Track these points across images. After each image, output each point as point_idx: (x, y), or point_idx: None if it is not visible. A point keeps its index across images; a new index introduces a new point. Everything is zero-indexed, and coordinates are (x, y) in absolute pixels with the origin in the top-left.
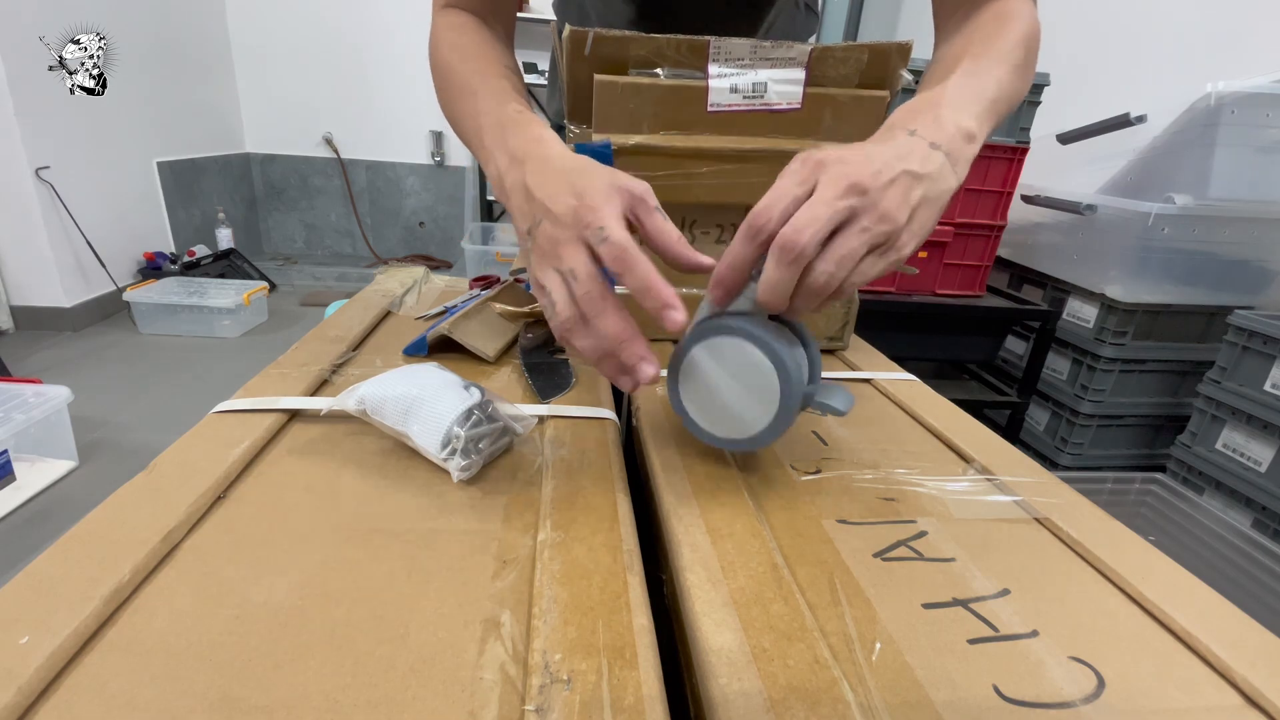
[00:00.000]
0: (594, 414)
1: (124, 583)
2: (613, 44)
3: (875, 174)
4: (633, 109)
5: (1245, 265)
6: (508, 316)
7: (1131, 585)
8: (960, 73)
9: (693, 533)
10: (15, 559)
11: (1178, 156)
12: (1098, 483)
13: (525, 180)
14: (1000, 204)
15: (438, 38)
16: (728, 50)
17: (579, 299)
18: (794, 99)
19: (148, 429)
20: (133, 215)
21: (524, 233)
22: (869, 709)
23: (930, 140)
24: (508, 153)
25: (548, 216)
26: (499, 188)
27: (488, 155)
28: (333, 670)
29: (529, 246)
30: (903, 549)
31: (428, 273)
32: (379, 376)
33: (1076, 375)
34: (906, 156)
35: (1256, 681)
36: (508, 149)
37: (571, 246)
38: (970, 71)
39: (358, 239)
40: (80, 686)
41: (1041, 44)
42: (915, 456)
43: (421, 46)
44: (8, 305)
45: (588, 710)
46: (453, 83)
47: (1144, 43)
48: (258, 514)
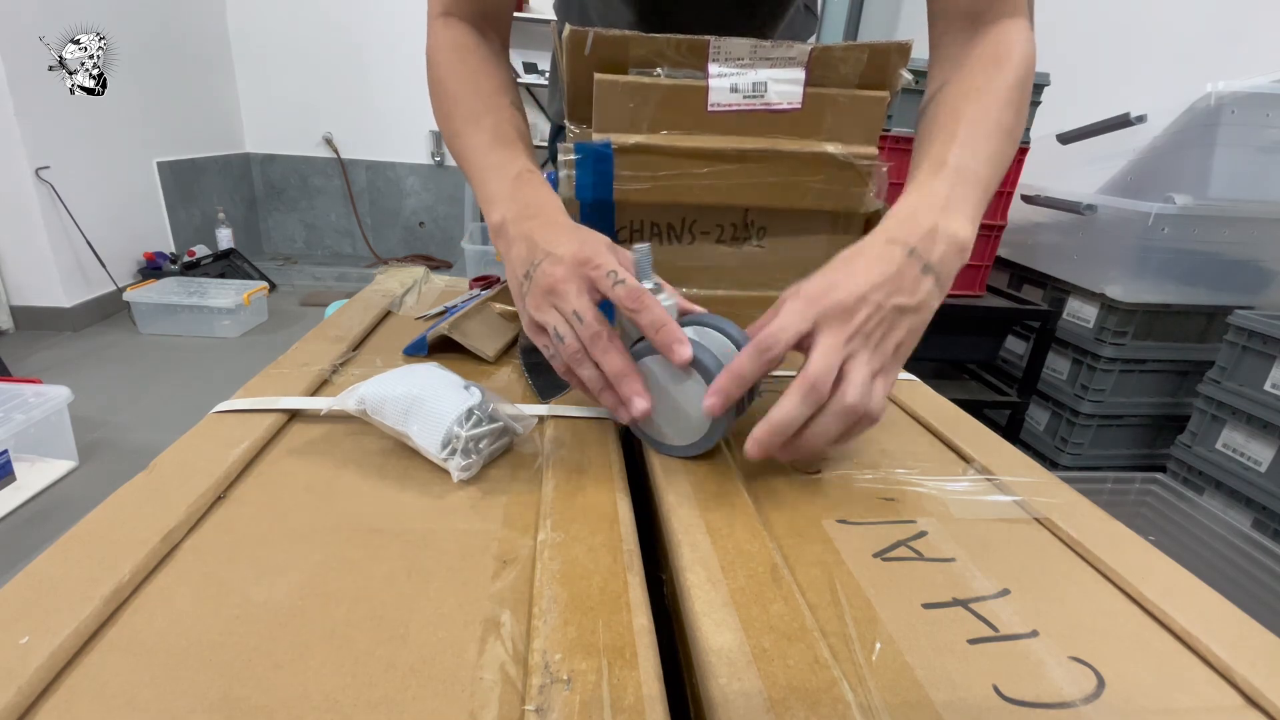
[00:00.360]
0: (594, 414)
1: (124, 583)
2: (613, 44)
3: (867, 319)
4: (633, 109)
5: (1245, 265)
6: (508, 316)
7: (1131, 585)
8: (959, 147)
9: (693, 533)
10: (15, 559)
11: (1178, 156)
12: (1098, 483)
13: (532, 231)
14: (1000, 204)
15: (434, 55)
16: (728, 50)
17: (585, 339)
18: (794, 99)
19: (148, 429)
20: (133, 215)
21: (521, 276)
22: (869, 709)
23: (925, 261)
24: (519, 204)
25: (549, 258)
26: (498, 231)
27: (490, 198)
28: (333, 670)
29: (525, 290)
30: (903, 549)
31: (428, 273)
32: (379, 376)
33: (1076, 375)
34: (898, 289)
35: (1256, 681)
36: (520, 201)
37: (573, 285)
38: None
39: (358, 239)
40: (80, 686)
41: (1041, 44)
42: (915, 456)
43: (422, 46)
44: (8, 305)
45: (588, 710)
46: (454, 112)
47: (1144, 43)
48: (257, 514)
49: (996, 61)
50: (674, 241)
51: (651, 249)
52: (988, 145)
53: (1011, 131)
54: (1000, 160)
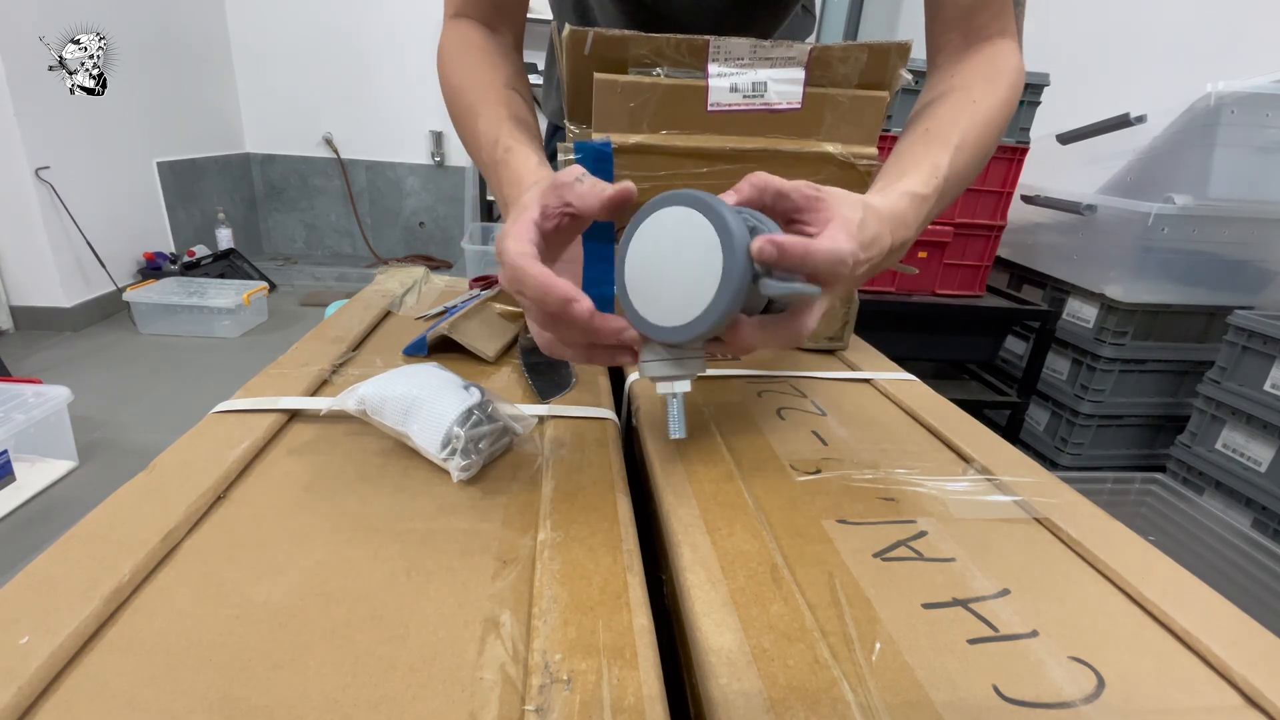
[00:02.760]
0: (594, 414)
1: (124, 583)
2: (612, 44)
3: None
4: (633, 108)
5: (1245, 265)
6: (508, 316)
7: (1131, 585)
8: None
9: (693, 533)
10: (15, 559)
11: (1178, 156)
12: (1098, 483)
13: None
14: (1000, 204)
15: (440, 53)
16: (727, 50)
17: (537, 319)
18: (794, 99)
19: (148, 429)
20: (132, 215)
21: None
22: (869, 709)
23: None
24: (501, 199)
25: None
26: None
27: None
28: (333, 670)
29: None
30: (903, 549)
31: (428, 273)
32: (379, 376)
33: (1076, 375)
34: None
35: (1256, 681)
36: (500, 194)
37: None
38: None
39: (358, 239)
40: (80, 686)
41: (1042, 44)
42: (915, 456)
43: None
44: (8, 305)
45: (588, 710)
46: (459, 104)
47: (1144, 43)
48: (257, 514)
49: (988, 82)
50: None
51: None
52: (970, 166)
53: (990, 149)
54: (972, 175)
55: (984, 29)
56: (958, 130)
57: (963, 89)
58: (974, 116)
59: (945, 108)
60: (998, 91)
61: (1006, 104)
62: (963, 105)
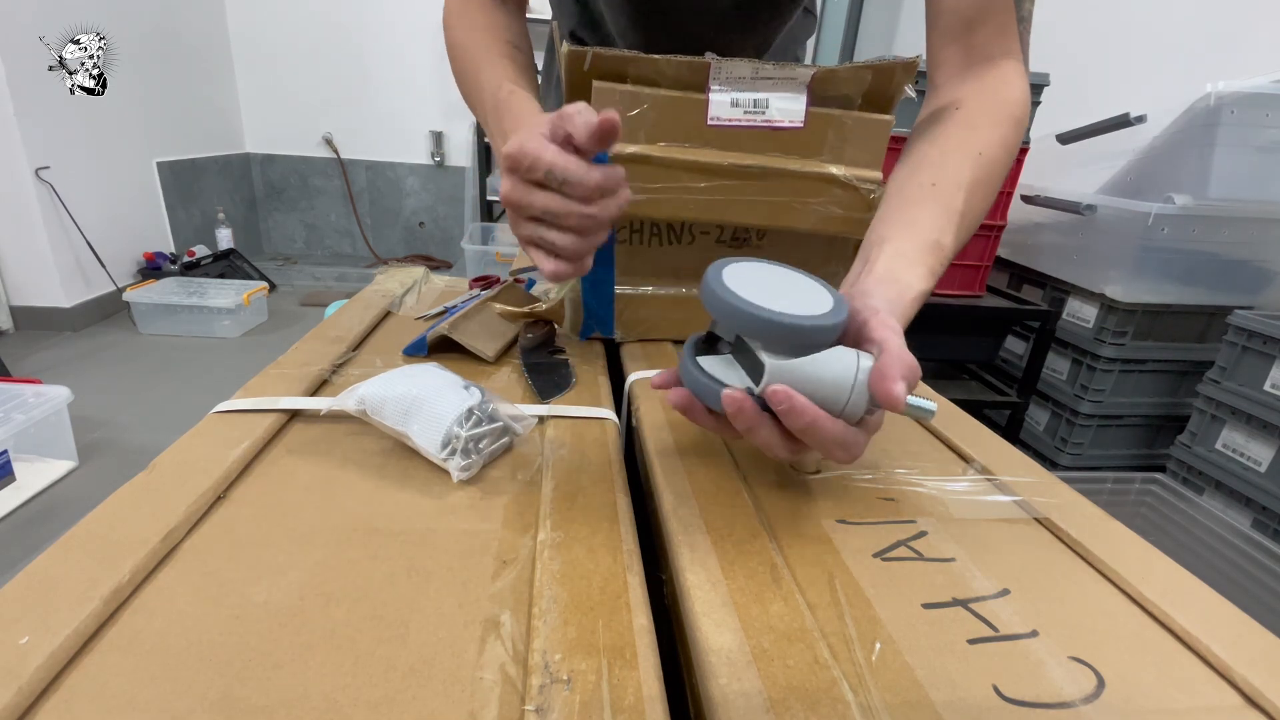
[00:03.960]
0: (594, 414)
1: (124, 583)
2: (612, 63)
3: None
4: (631, 117)
5: (1245, 265)
6: (508, 316)
7: (1131, 585)
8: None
9: (693, 533)
10: (15, 559)
11: (1177, 156)
12: (1098, 483)
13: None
14: (1000, 204)
15: (450, 13)
16: (729, 70)
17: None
18: (796, 117)
19: (148, 429)
20: (132, 215)
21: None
22: (869, 709)
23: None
24: (502, 137)
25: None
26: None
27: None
28: (333, 670)
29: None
30: (903, 549)
31: (428, 273)
32: (379, 376)
33: (1076, 375)
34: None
35: (1256, 681)
36: (503, 133)
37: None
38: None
39: (358, 239)
40: (80, 686)
41: (1042, 43)
42: (915, 456)
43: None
44: (8, 305)
45: (588, 710)
46: (462, 60)
47: (1144, 43)
48: (257, 514)
49: (996, 120)
50: (674, 242)
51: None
52: (971, 230)
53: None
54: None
55: (985, 47)
56: (962, 193)
57: (968, 127)
58: (977, 173)
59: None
60: (1003, 133)
61: (1011, 147)
62: (967, 155)
